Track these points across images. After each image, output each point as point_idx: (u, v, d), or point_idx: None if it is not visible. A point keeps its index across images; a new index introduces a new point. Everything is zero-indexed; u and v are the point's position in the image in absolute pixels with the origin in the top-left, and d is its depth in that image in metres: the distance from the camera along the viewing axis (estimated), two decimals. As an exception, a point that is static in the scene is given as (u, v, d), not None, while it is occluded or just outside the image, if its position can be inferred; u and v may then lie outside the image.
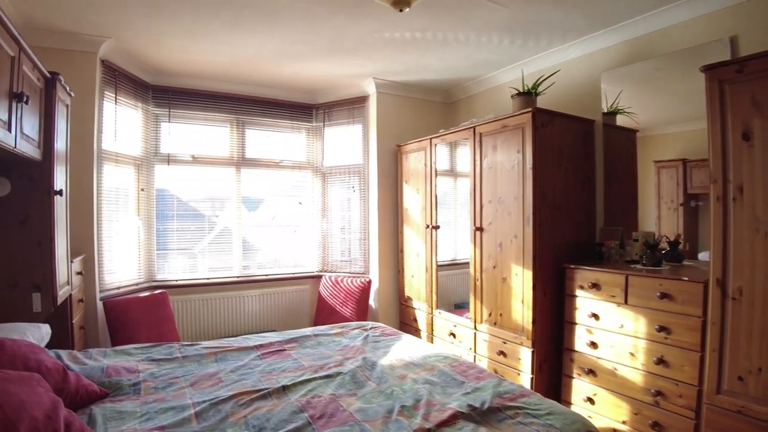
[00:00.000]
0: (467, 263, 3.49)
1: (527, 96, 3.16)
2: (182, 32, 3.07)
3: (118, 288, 3.49)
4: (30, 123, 2.01)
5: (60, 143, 2.43)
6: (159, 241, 3.96)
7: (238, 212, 4.33)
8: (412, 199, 4.18)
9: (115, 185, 3.53)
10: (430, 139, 3.92)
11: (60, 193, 2.30)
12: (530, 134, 2.87)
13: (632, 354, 2.43)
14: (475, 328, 3.38)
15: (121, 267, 3.60)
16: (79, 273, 2.85)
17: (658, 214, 2.88)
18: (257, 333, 4.12)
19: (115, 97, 3.42)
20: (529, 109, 2.90)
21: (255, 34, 3.12)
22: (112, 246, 3.46)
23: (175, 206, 4.08)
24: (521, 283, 2.95)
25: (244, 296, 4.23)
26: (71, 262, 2.65)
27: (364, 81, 4.28)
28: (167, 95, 3.96)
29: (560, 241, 2.98)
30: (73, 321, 2.68)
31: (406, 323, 4.28)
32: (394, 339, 2.66)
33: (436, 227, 3.88)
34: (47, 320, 2.29)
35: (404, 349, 2.46)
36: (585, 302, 2.68)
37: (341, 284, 4.34)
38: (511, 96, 3.26)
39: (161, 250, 3.99)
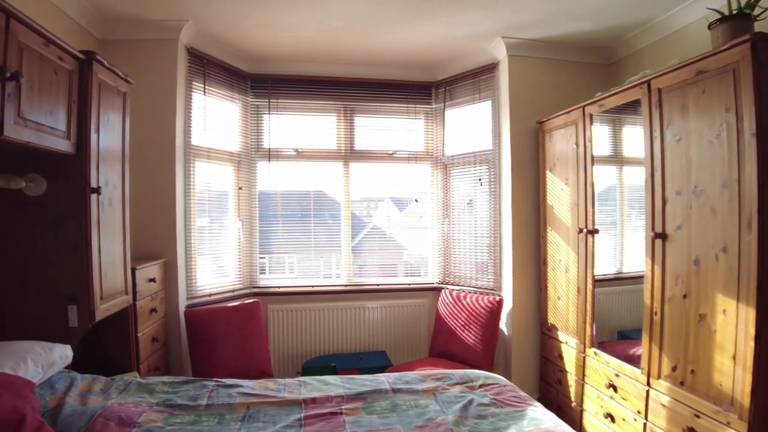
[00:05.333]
0: (637, 278, 2.36)
1: (739, 20, 1.92)
2: (258, 2, 2.62)
3: (210, 295, 3.21)
4: (44, 107, 1.69)
5: (108, 136, 2.14)
6: (261, 244, 3.64)
7: (347, 212, 3.78)
8: (559, 193, 3.08)
9: (208, 184, 3.28)
10: (583, 107, 2.78)
11: (98, 191, 1.98)
12: (749, 78, 1.67)
13: None
14: (649, 383, 2.19)
15: (216, 272, 3.34)
16: (151, 280, 2.59)
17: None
18: (363, 353, 3.57)
19: (204, 88, 3.15)
20: (747, 36, 1.67)
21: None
22: (204, 250, 3.21)
23: (279, 206, 3.73)
24: (733, 325, 1.77)
25: (352, 308, 3.66)
26: (134, 268, 2.38)
27: (490, 43, 3.32)
28: (266, 84, 3.60)
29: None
30: (138, 334, 2.42)
31: (549, 359, 3.18)
32: (512, 416, 1.67)
33: (593, 231, 2.72)
34: (89, 334, 2.02)
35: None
36: None
37: (463, 301, 3.45)
38: (709, 25, 2.03)
39: (263, 253, 3.66)
